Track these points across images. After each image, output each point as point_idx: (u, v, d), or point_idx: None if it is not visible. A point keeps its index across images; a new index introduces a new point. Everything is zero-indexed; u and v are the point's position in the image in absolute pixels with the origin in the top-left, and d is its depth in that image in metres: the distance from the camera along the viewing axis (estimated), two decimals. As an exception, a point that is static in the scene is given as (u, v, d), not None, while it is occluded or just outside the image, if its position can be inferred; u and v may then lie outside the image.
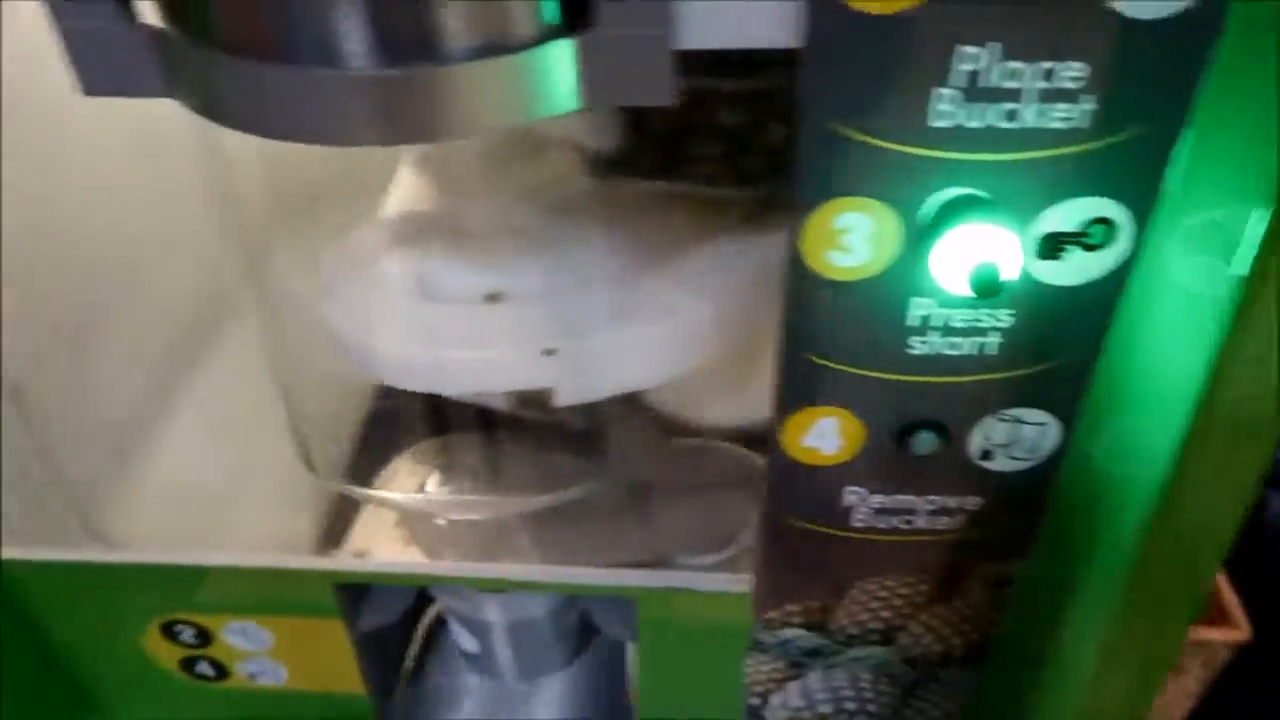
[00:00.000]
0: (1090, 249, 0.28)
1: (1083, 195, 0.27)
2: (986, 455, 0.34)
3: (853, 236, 0.28)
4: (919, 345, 0.30)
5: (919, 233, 0.28)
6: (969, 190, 0.27)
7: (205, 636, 0.44)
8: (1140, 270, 0.28)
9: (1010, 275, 0.27)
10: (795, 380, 0.32)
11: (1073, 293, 0.29)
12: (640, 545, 0.41)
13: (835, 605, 0.40)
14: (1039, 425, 0.33)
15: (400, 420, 0.39)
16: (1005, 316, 0.30)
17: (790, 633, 0.41)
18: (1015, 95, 0.25)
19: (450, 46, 0.24)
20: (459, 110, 0.25)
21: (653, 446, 0.40)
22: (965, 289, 0.27)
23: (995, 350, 0.31)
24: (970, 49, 0.24)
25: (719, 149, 0.33)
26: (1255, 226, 0.25)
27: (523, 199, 0.35)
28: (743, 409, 0.42)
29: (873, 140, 0.26)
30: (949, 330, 0.30)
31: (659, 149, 0.33)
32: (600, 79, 0.25)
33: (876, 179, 0.27)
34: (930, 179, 0.27)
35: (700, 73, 0.25)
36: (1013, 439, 0.33)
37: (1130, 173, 0.26)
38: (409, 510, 0.41)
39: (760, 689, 0.44)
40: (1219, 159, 0.26)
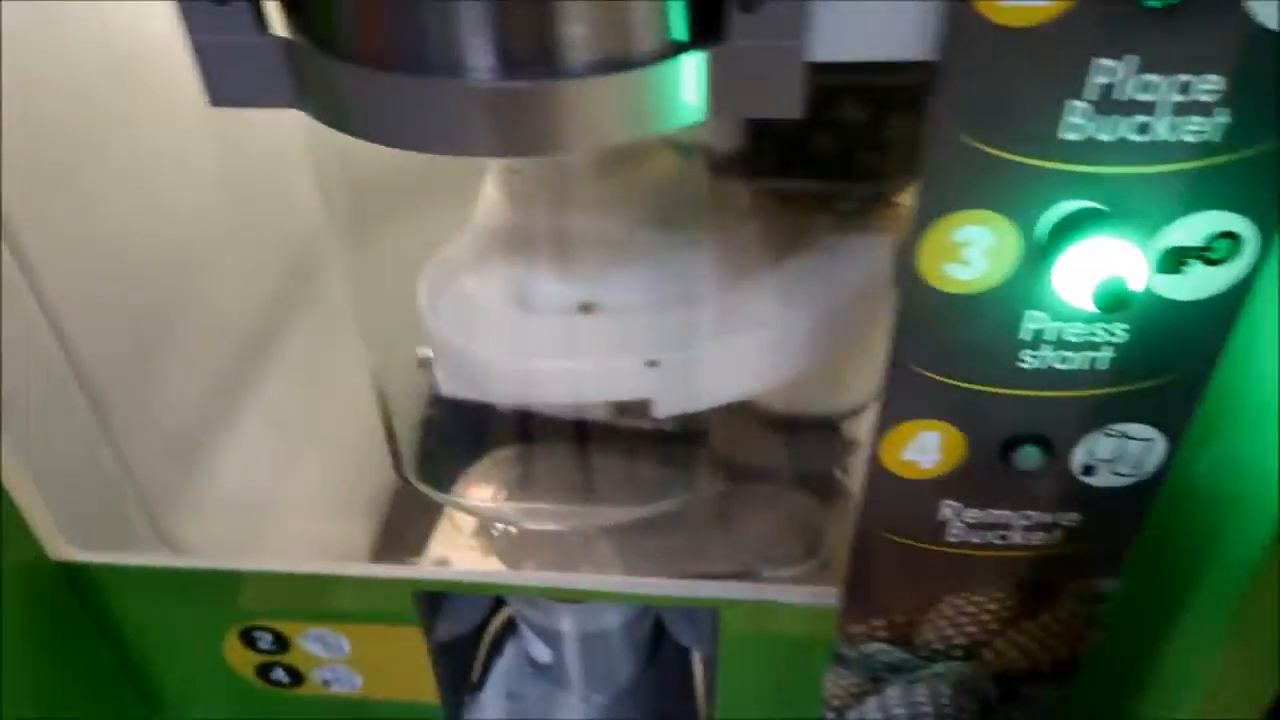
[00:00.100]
0: (1212, 263, 0.28)
1: (1209, 209, 0.26)
2: (1089, 470, 0.33)
3: (972, 249, 0.28)
4: (1030, 359, 0.30)
5: (1038, 246, 0.27)
6: (1091, 204, 0.27)
7: (283, 643, 0.44)
8: (1262, 284, 0.28)
9: (1137, 289, 0.26)
10: (900, 393, 0.31)
11: (1191, 307, 0.29)
12: (719, 556, 0.41)
13: (921, 620, 0.40)
14: (1145, 441, 0.32)
15: (471, 427, 0.39)
16: (1120, 331, 0.29)
17: (873, 647, 0.41)
18: (1149, 108, 0.25)
19: (580, 60, 0.24)
20: (586, 123, 0.25)
21: (738, 457, 0.40)
22: (1087, 303, 0.27)
23: (1106, 365, 0.30)
24: (1107, 62, 0.24)
25: (830, 145, 0.33)
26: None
27: (617, 208, 0.34)
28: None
29: (1001, 153, 0.25)
30: (1061, 344, 0.30)
31: (770, 146, 0.32)
32: (730, 91, 0.25)
33: (1001, 191, 0.26)
34: (1055, 192, 0.26)
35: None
36: (1118, 454, 0.33)
37: (1258, 187, 0.26)
38: (495, 519, 0.41)
39: (837, 703, 0.44)
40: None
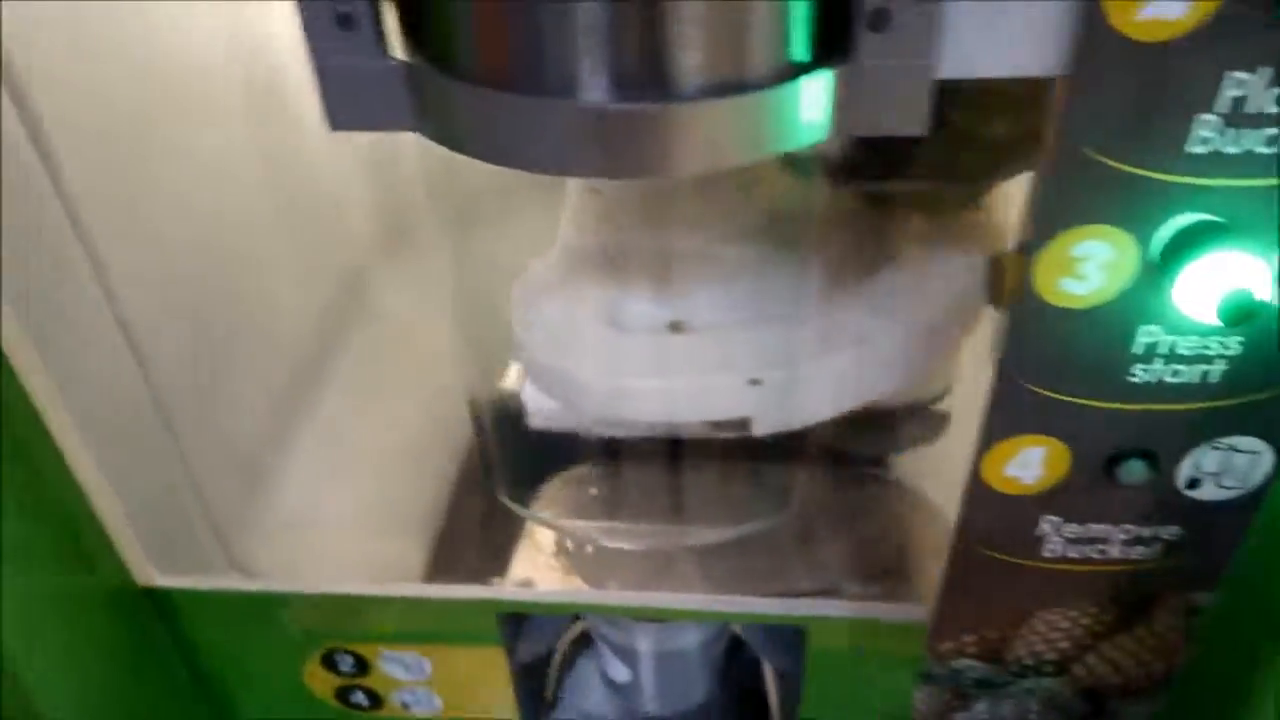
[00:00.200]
0: (1331, 275, 0.27)
1: (1330, 220, 0.26)
2: (1194, 484, 0.33)
3: (1089, 264, 0.27)
4: (1140, 373, 0.30)
5: (1156, 259, 0.27)
6: (1210, 217, 0.27)
7: (363, 665, 0.44)
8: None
9: (1264, 301, 0.26)
10: (1006, 409, 0.31)
11: (1306, 320, 0.28)
12: (803, 573, 0.41)
13: (1013, 635, 0.39)
14: (1252, 454, 0.32)
15: (560, 444, 0.39)
16: (1234, 344, 0.29)
17: (962, 663, 0.41)
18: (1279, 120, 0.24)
19: (704, 82, 0.24)
20: (709, 145, 0.25)
21: (821, 475, 0.40)
22: (1210, 317, 0.27)
23: (1218, 378, 0.30)
24: (1240, 74, 0.24)
25: (930, 144, 0.32)
26: None
27: (713, 225, 0.34)
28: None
29: (1125, 167, 0.25)
30: (1174, 358, 0.29)
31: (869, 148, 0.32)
32: (855, 110, 0.25)
33: (1122, 206, 0.26)
34: (1176, 205, 0.26)
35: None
36: (1224, 467, 0.32)
37: (1382, 197, 0.26)
38: (585, 538, 0.40)
39: (926, 718, 0.44)
40: None
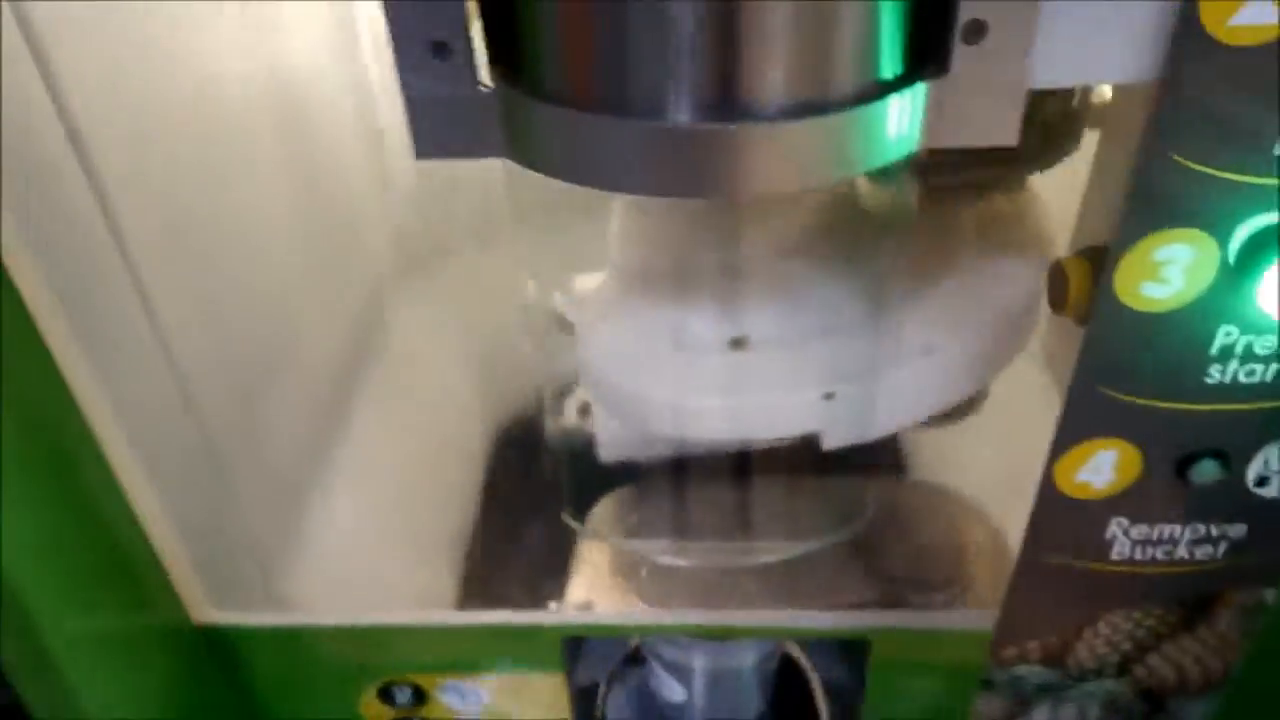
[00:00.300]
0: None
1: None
2: (1262, 482, 0.33)
3: (1171, 268, 0.28)
4: (1216, 373, 0.30)
5: (1237, 261, 0.28)
6: (1287, 217, 0.27)
7: (421, 696, 0.43)
8: None
9: (1349, 300, 0.26)
10: (1080, 414, 0.31)
11: (1378, 316, 0.29)
12: (861, 586, 0.41)
13: (1076, 639, 0.39)
14: (1321, 450, 0.32)
15: (626, 466, 0.39)
16: (1308, 341, 0.29)
17: (1024, 669, 0.41)
18: (1361, 121, 0.25)
19: (797, 102, 0.24)
20: (801, 163, 0.25)
21: (880, 489, 0.40)
22: (1289, 316, 0.27)
23: (1291, 376, 0.30)
24: (1327, 77, 0.24)
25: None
26: None
27: (765, 239, 0.35)
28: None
29: (1211, 170, 0.26)
30: (1249, 357, 0.30)
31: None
32: (947, 122, 0.25)
33: (1206, 209, 0.27)
34: (1256, 206, 0.26)
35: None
36: (1294, 464, 0.33)
37: None
38: (653, 558, 0.40)
39: (983, 728, 0.44)
40: None
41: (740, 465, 0.37)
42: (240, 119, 0.46)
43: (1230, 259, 0.28)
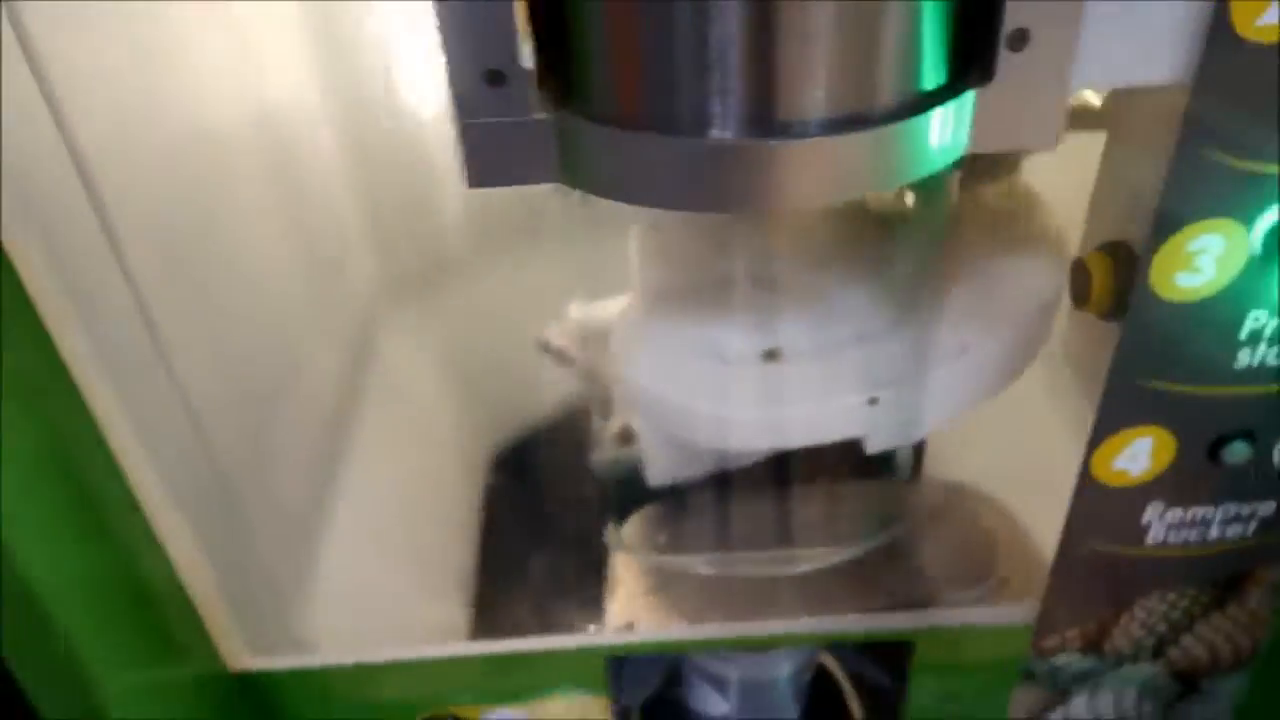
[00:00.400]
0: None
1: None
2: (1290, 459, 0.34)
3: (1204, 258, 0.29)
4: (1245, 357, 0.31)
5: (1264, 246, 0.29)
6: (1310, 202, 0.28)
7: (464, 728, 0.43)
8: None
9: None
10: (1117, 404, 0.32)
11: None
12: (899, 587, 0.41)
13: (1113, 625, 0.40)
14: (1344, 425, 0.33)
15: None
16: (1332, 321, 0.30)
17: (1063, 658, 0.41)
18: (1380, 108, 0.26)
19: (845, 116, 0.25)
20: (858, 173, 0.25)
21: (911, 492, 0.41)
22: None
23: (1315, 354, 0.31)
24: (1348, 68, 0.25)
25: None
26: None
27: (792, 250, 0.35)
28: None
29: (1241, 162, 0.27)
30: (1276, 339, 0.31)
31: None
32: (991, 129, 0.25)
33: (1236, 199, 0.27)
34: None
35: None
36: (1319, 440, 0.34)
37: None
38: (700, 571, 0.40)
39: (1024, 718, 0.44)
40: None
41: (778, 474, 0.38)
42: (232, 153, 0.46)
43: (1258, 246, 0.29)
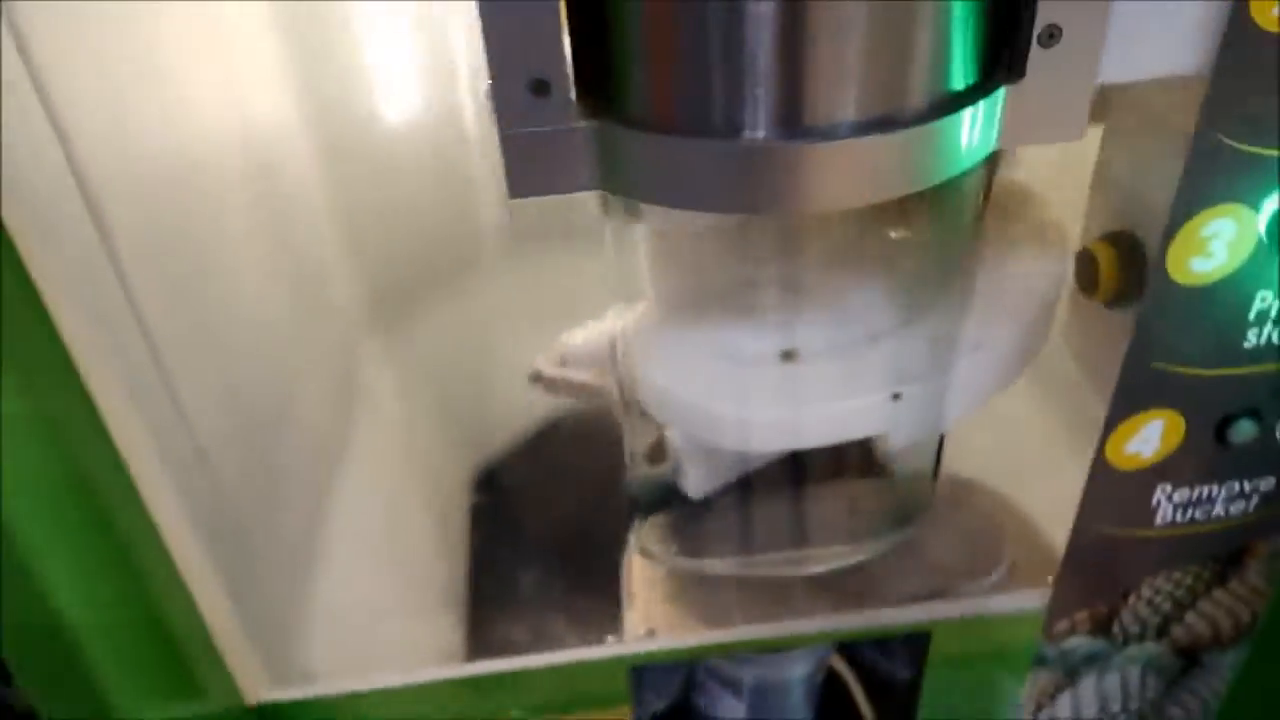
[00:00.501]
0: None
1: None
2: (1290, 435, 0.36)
3: (1216, 242, 0.30)
4: (1253, 337, 0.32)
5: (1269, 229, 0.30)
6: (1313, 186, 0.29)
7: (487, 747, 0.42)
8: None
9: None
10: (1132, 388, 0.33)
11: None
12: (913, 580, 0.42)
13: (1121, 606, 0.41)
14: (1341, 399, 0.35)
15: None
16: (1331, 300, 0.32)
17: (1073, 641, 0.42)
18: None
19: (890, 114, 0.25)
20: (889, 174, 0.26)
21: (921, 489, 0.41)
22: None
23: (1316, 333, 0.33)
24: (1354, 55, 0.26)
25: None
26: None
27: (807, 252, 0.35)
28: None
29: (1253, 149, 0.28)
30: (1280, 319, 0.32)
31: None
32: (1021, 124, 0.26)
33: (1247, 184, 0.29)
34: (1289, 179, 0.29)
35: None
36: (1318, 415, 0.35)
37: None
38: (724, 574, 0.40)
39: (1032, 704, 0.45)
40: None
41: (798, 475, 0.38)
42: (219, 180, 0.45)
43: (1262, 228, 0.30)
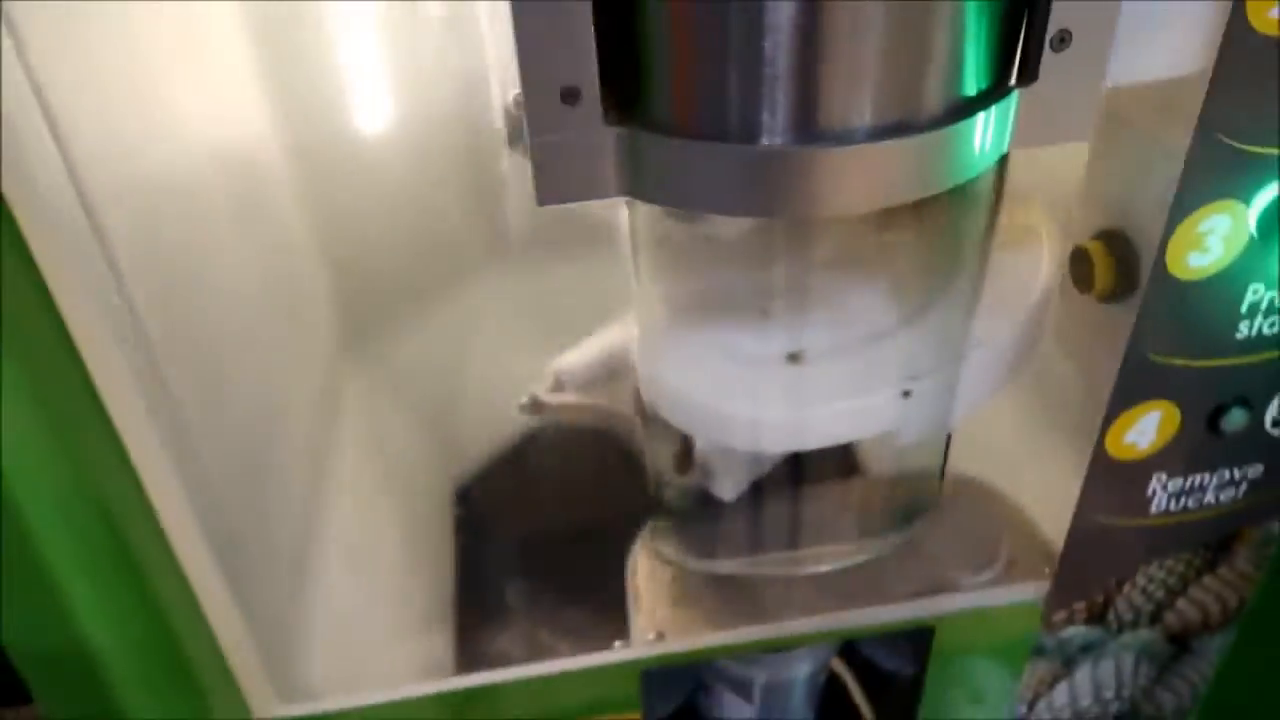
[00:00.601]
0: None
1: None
2: (1278, 423, 0.37)
3: (1212, 237, 0.31)
4: (1245, 328, 0.34)
5: (1259, 223, 0.31)
6: (1301, 182, 0.31)
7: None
8: None
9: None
10: (1131, 381, 0.34)
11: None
12: (915, 577, 0.43)
13: (1116, 595, 0.42)
14: (1326, 387, 0.36)
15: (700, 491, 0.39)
16: (1318, 291, 0.33)
17: (1070, 631, 0.43)
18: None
19: (894, 122, 0.26)
20: (908, 177, 0.27)
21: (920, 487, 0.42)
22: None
23: (1305, 323, 0.34)
24: (1343, 56, 0.27)
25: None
26: None
27: (809, 255, 0.36)
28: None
29: (1247, 146, 0.29)
30: (1271, 311, 0.33)
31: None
32: (1032, 126, 0.27)
33: (1241, 181, 0.30)
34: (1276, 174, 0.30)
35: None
36: (1304, 403, 0.37)
37: None
38: (708, 578, 0.41)
39: (1030, 694, 0.46)
40: None
41: (810, 474, 0.39)
42: (200, 187, 0.44)
43: (1253, 224, 0.31)
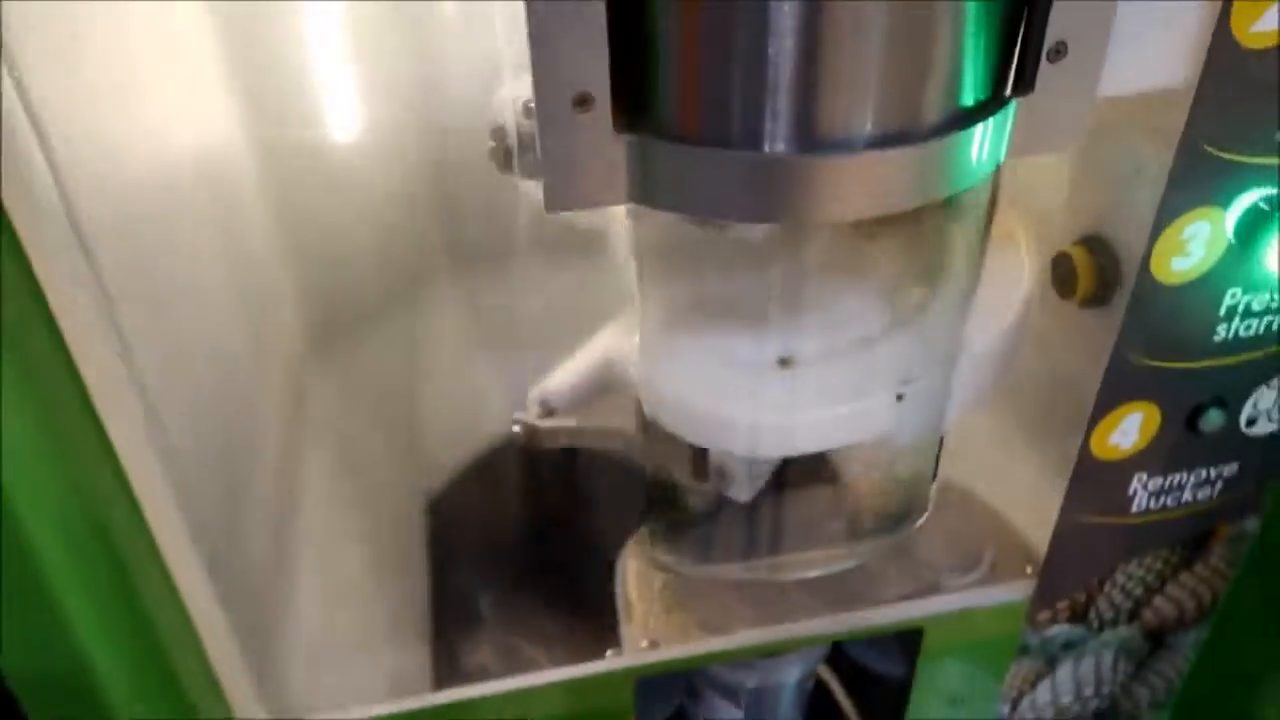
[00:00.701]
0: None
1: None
2: (1252, 422, 0.38)
3: (1194, 243, 0.32)
4: (1223, 331, 0.35)
5: (1236, 229, 0.32)
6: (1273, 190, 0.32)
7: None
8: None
9: None
10: (1116, 382, 0.35)
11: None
12: (904, 579, 0.43)
13: (1097, 593, 0.43)
14: (1298, 388, 0.38)
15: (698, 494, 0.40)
16: (1292, 296, 0.34)
17: (1053, 630, 0.44)
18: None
19: (910, 129, 0.26)
20: (907, 186, 0.27)
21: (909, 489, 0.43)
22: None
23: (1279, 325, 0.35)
24: (1319, 69, 0.29)
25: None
26: None
27: (801, 261, 0.37)
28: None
29: (1228, 155, 0.30)
30: (1248, 313, 0.34)
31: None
32: (1027, 136, 0.28)
33: (1221, 188, 0.31)
34: (1256, 182, 0.31)
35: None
36: (1276, 403, 0.38)
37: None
38: (701, 586, 0.41)
39: (1014, 693, 0.47)
40: None
41: (803, 479, 0.39)
42: (179, 196, 0.44)
43: (1229, 228, 0.32)
